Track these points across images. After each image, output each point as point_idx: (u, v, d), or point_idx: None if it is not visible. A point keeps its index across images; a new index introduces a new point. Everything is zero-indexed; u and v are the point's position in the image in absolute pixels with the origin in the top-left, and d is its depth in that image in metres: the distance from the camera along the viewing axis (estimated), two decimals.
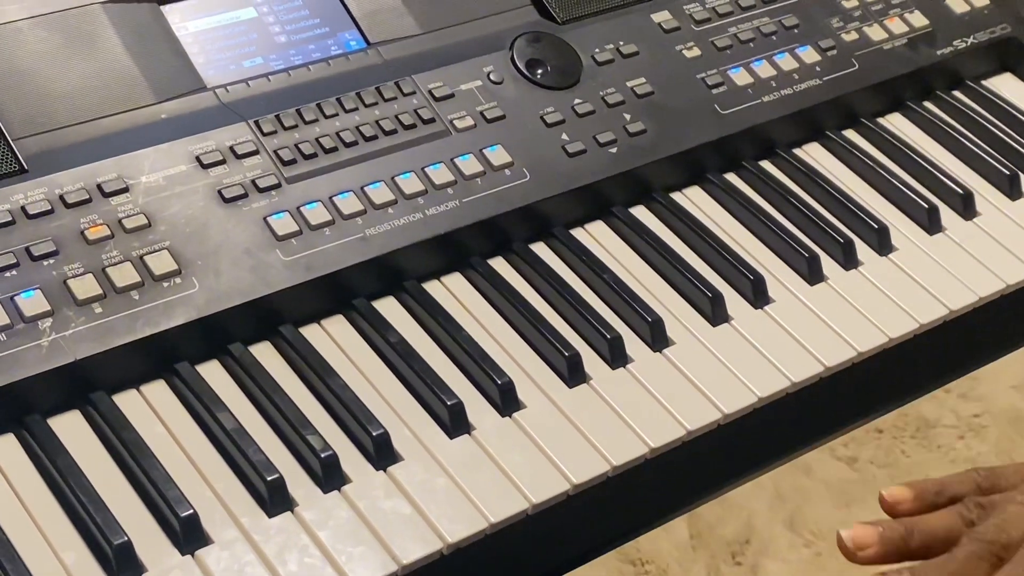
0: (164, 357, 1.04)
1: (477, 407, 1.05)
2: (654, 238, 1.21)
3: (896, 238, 1.26)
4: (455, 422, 1.03)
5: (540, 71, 1.27)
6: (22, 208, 1.06)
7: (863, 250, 1.24)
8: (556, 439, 1.04)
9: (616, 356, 1.10)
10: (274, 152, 1.14)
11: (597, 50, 1.30)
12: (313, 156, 1.15)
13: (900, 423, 1.14)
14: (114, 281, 1.04)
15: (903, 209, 1.30)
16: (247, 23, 1.23)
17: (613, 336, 1.11)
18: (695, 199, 1.27)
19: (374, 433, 1.00)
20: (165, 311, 1.04)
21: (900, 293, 1.20)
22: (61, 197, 1.07)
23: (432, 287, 1.14)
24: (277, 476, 0.97)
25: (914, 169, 1.34)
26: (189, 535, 0.93)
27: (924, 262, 1.24)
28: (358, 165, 1.16)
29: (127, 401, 1.02)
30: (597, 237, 1.22)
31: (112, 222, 1.07)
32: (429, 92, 1.22)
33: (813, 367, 1.12)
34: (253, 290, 1.07)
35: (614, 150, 1.24)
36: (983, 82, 1.47)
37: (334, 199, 1.13)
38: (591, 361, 1.10)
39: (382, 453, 1.00)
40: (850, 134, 1.37)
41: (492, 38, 1.28)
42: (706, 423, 1.07)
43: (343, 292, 1.11)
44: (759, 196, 1.28)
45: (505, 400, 1.05)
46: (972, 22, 1.46)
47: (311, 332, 1.10)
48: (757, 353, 1.13)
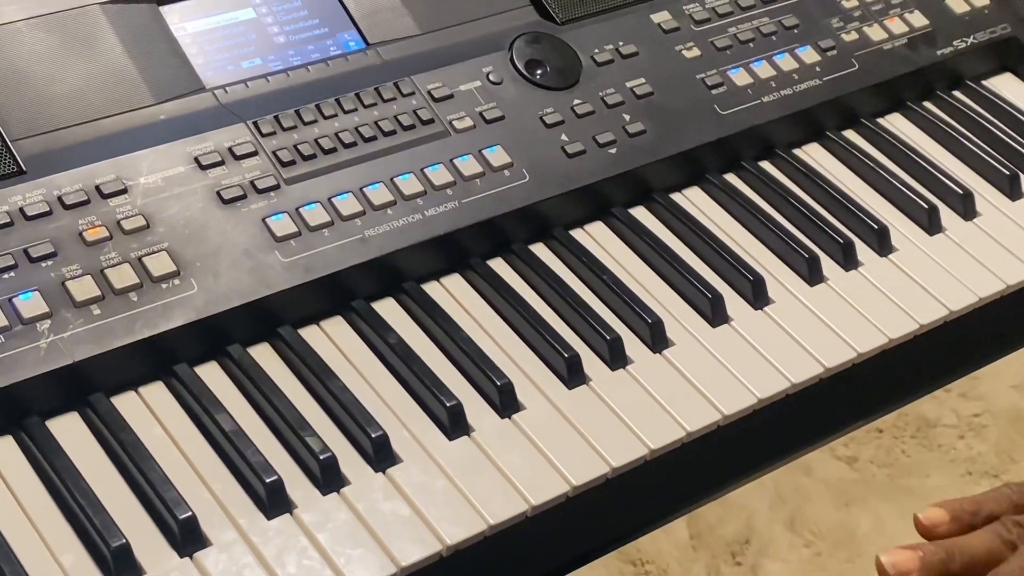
0: (162, 359, 1.04)
1: (476, 408, 1.05)
2: (654, 239, 1.21)
3: (896, 239, 1.26)
4: (454, 423, 1.03)
5: (539, 71, 1.26)
6: (20, 209, 1.05)
7: (863, 251, 1.24)
8: (555, 440, 1.03)
9: (616, 357, 1.10)
10: (273, 153, 1.14)
11: (596, 50, 1.30)
12: (312, 157, 1.15)
13: (900, 423, 1.14)
14: (112, 283, 1.04)
15: (903, 209, 1.29)
16: (246, 24, 1.23)
17: (613, 337, 1.11)
18: (695, 200, 1.27)
19: (373, 435, 1.00)
20: (164, 313, 1.04)
21: (900, 294, 1.20)
22: (59, 198, 1.07)
23: (431, 288, 1.14)
24: (276, 478, 0.97)
25: (914, 169, 1.33)
26: (187, 537, 0.93)
27: (924, 263, 1.24)
28: (357, 166, 1.15)
29: (125, 403, 1.02)
30: (596, 238, 1.22)
31: (110, 223, 1.07)
32: (428, 93, 1.22)
33: (813, 368, 1.12)
34: (252, 291, 1.07)
35: (613, 151, 1.24)
36: (983, 82, 1.46)
37: (333, 200, 1.13)
38: (591, 362, 1.10)
39: (381, 455, 1.00)
40: (850, 134, 1.37)
41: (491, 38, 1.28)
42: (706, 424, 1.07)
43: (342, 293, 1.11)
44: (759, 197, 1.28)
45: (504, 401, 1.05)
46: (972, 22, 1.45)
47: (310, 333, 1.09)
48: (757, 354, 1.12)
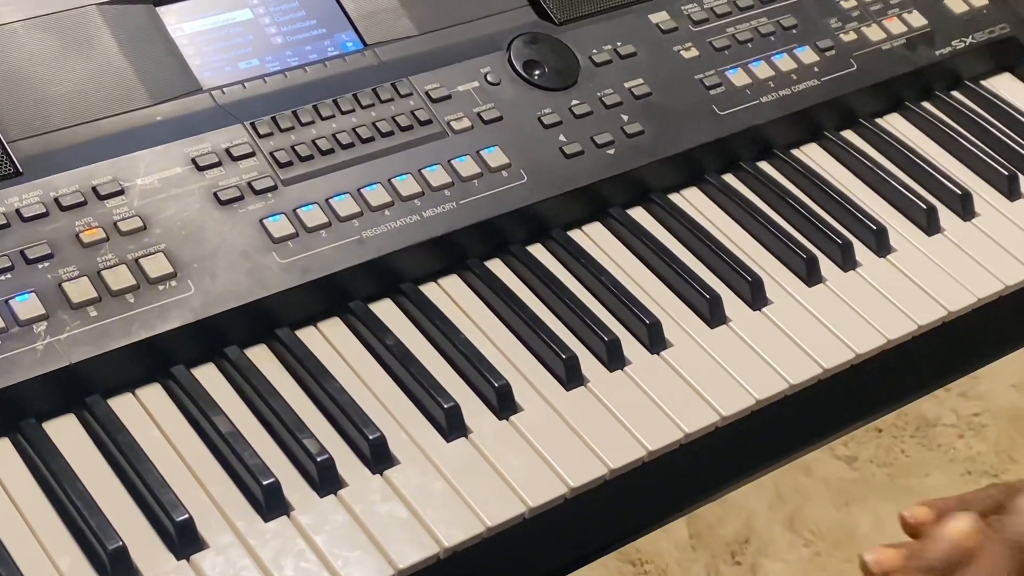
0: (160, 360, 1.04)
1: (474, 410, 1.05)
2: (652, 240, 1.21)
3: (895, 239, 1.25)
4: (452, 425, 1.03)
5: (537, 72, 1.26)
6: (17, 211, 1.05)
7: (861, 251, 1.24)
8: (553, 442, 1.03)
9: (614, 358, 1.10)
10: (270, 154, 1.14)
11: (595, 51, 1.30)
12: (309, 158, 1.15)
13: (900, 422, 1.14)
14: (109, 284, 1.04)
15: (901, 210, 1.29)
16: (243, 24, 1.22)
17: (611, 338, 1.10)
18: (693, 200, 1.27)
19: (370, 436, 1.00)
20: (161, 314, 1.04)
21: (899, 294, 1.20)
22: (56, 200, 1.07)
23: (429, 289, 1.14)
24: (273, 480, 0.96)
25: (913, 170, 1.33)
26: (184, 540, 0.93)
27: (923, 263, 1.24)
28: (354, 167, 1.15)
29: (122, 405, 1.02)
30: (595, 239, 1.22)
31: (107, 225, 1.06)
32: (426, 93, 1.21)
33: (811, 369, 1.12)
34: (249, 293, 1.07)
35: (612, 151, 1.23)
36: (982, 82, 1.46)
37: (330, 201, 1.13)
38: (588, 363, 1.10)
39: (378, 457, 1.00)
40: (848, 135, 1.37)
41: (489, 39, 1.28)
42: (704, 425, 1.07)
43: (339, 295, 1.11)
44: (757, 197, 1.28)
45: (502, 403, 1.05)
46: (971, 22, 1.45)
47: (307, 335, 1.09)
48: (755, 355, 1.12)
